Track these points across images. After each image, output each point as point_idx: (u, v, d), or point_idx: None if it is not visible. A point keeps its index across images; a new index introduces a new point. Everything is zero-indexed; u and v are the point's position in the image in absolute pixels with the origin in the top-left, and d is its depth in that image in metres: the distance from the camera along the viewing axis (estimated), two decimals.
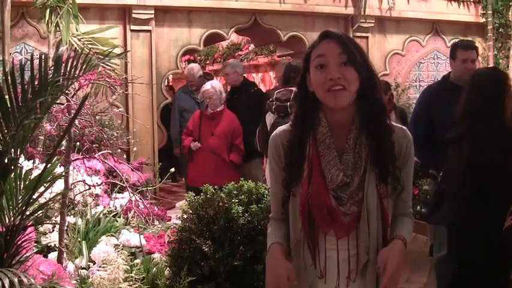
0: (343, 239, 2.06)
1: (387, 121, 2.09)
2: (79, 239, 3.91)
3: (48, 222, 3.91)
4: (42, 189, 2.59)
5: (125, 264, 3.45)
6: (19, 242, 2.48)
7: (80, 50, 5.48)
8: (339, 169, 2.03)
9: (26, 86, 2.47)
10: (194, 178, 6.41)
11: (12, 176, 2.46)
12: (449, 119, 4.54)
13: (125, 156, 6.82)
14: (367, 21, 8.87)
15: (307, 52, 2.13)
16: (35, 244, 3.78)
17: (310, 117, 2.11)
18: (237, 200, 3.26)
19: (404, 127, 2.16)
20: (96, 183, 4.59)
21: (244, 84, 7.27)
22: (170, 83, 13.42)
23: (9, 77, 2.45)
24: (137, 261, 3.71)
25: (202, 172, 6.35)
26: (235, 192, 3.32)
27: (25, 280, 2.20)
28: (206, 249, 3.13)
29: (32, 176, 2.56)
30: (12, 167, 2.45)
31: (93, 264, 3.67)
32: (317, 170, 2.06)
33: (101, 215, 4.43)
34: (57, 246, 3.57)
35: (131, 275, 3.45)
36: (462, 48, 4.78)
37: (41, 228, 4.03)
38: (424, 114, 4.77)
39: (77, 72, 2.65)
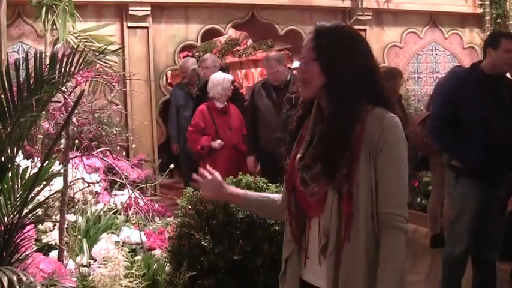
0: (315, 219, 2.15)
1: (343, 117, 2.07)
2: (79, 237, 3.91)
3: (48, 220, 3.91)
4: (40, 187, 2.59)
5: (125, 261, 3.46)
6: (18, 241, 2.49)
7: (76, 48, 5.46)
8: (302, 152, 2.14)
9: (21, 84, 2.47)
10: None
11: (9, 174, 2.46)
12: (478, 110, 4.26)
13: (124, 153, 6.82)
14: (365, 14, 8.82)
15: None
16: (36, 243, 3.78)
17: (309, 104, 2.23)
18: None
19: (388, 115, 2.08)
20: (96, 180, 4.59)
21: None
22: (169, 80, 13.40)
23: (4, 76, 2.45)
24: (138, 257, 3.72)
25: (224, 168, 6.17)
26: (234, 186, 3.32)
27: (24, 278, 2.20)
28: (205, 244, 3.13)
29: (29, 174, 2.56)
30: (9, 165, 2.45)
31: (94, 262, 3.68)
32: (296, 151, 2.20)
33: (101, 213, 4.43)
34: (57, 244, 3.57)
35: (132, 271, 3.46)
36: (507, 37, 4.44)
37: (42, 227, 4.03)
38: (449, 103, 4.46)
39: (73, 69, 2.64)
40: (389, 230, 2.04)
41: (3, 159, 2.41)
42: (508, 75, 4.68)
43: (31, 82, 2.48)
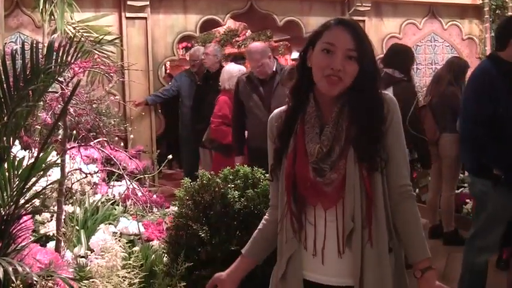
0: (331, 210, 2.11)
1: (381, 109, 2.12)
2: (77, 228, 3.90)
3: (45, 211, 3.90)
4: (36, 177, 2.59)
5: (123, 252, 3.45)
6: (14, 231, 2.48)
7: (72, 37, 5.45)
8: (317, 142, 2.09)
9: (18, 74, 2.46)
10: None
11: (5, 164, 2.45)
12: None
13: (122, 144, 6.81)
14: (364, 4, 8.79)
15: (319, 30, 2.16)
16: (33, 233, 3.77)
17: (303, 95, 2.18)
18: (233, 185, 3.25)
19: (385, 92, 2.18)
20: (94, 171, 4.58)
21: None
22: (168, 71, 13.39)
23: (0, 66, 2.44)
24: (136, 248, 3.71)
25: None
26: (231, 177, 3.31)
27: (20, 269, 2.20)
28: (203, 235, 3.12)
29: (26, 165, 2.55)
30: (6, 156, 2.44)
31: (92, 253, 3.67)
32: (301, 146, 2.13)
33: (99, 203, 4.42)
34: (55, 235, 3.56)
35: (129, 262, 3.45)
36: None
37: (39, 218, 4.02)
38: (485, 106, 3.98)
39: (70, 58, 2.63)
40: (409, 199, 2.16)
41: None
42: None
43: (27, 72, 2.47)
